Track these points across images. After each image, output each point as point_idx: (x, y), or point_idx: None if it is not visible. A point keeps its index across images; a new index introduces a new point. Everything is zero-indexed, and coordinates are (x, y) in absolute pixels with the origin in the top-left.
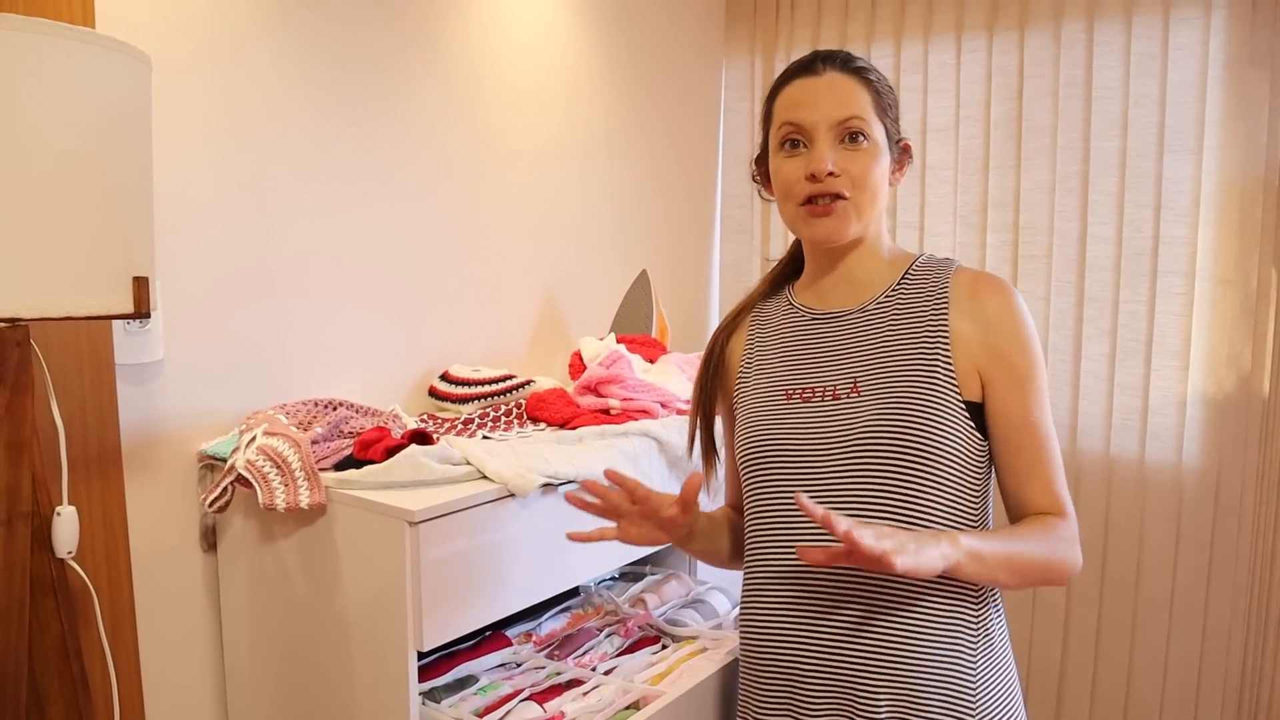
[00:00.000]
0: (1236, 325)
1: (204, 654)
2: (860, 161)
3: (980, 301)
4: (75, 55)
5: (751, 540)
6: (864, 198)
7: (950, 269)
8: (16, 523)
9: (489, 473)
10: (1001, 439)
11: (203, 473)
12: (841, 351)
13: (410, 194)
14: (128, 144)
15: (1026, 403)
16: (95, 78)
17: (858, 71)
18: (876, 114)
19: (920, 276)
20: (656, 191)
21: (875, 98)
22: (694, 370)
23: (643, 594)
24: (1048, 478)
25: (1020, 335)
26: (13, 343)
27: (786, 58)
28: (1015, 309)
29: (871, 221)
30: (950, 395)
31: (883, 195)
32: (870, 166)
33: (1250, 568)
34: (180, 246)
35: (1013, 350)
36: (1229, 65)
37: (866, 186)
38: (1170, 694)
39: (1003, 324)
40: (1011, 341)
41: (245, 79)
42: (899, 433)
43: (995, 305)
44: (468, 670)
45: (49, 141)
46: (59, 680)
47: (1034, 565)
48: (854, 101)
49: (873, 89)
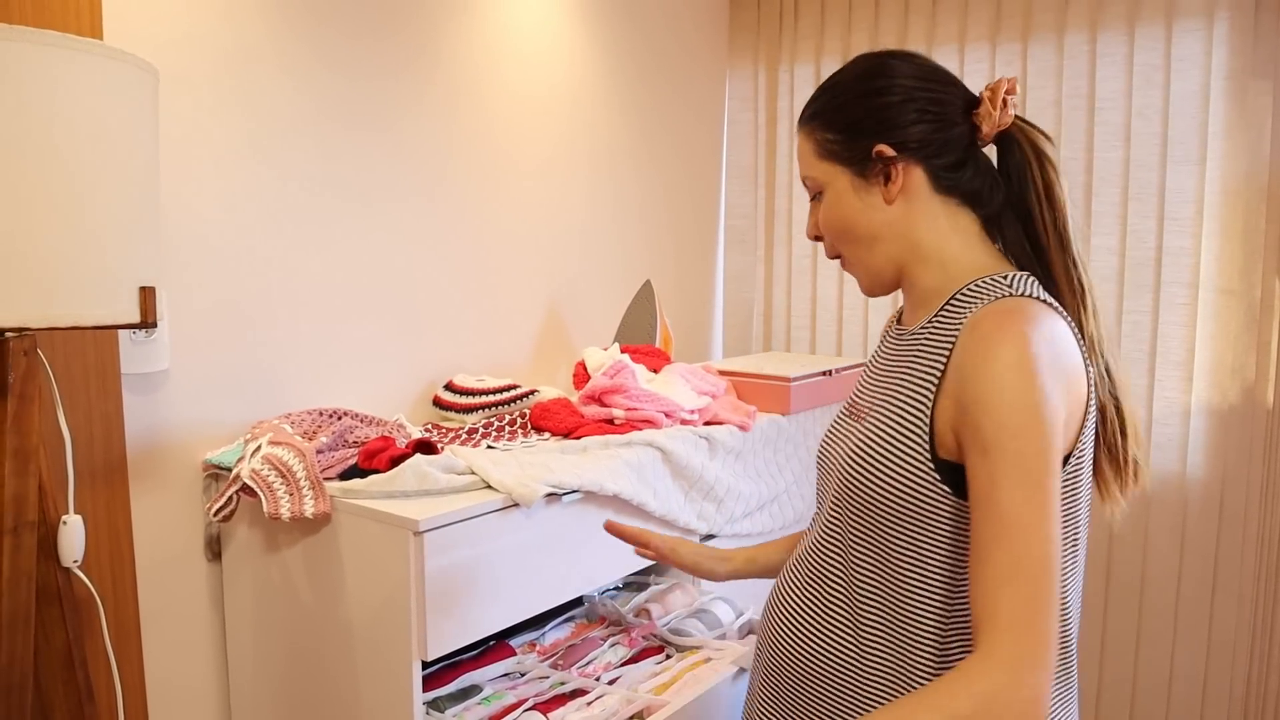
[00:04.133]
0: (1240, 335)
1: (208, 663)
2: (819, 213)
3: (970, 346)
4: (83, 67)
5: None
6: (846, 245)
7: (988, 298)
8: (23, 531)
9: (493, 482)
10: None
11: (208, 482)
12: (882, 371)
13: (415, 205)
14: (134, 154)
15: (988, 474)
16: (102, 89)
17: (805, 120)
18: (821, 159)
19: (960, 305)
20: (660, 202)
21: (819, 139)
22: (698, 380)
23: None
24: (989, 576)
25: (989, 394)
26: (20, 352)
27: (790, 69)
28: (996, 362)
29: (899, 256)
30: (912, 447)
31: (874, 227)
32: (829, 216)
33: (1255, 579)
34: (186, 257)
35: (977, 410)
36: (1231, 76)
37: (840, 234)
38: (1175, 705)
39: (977, 377)
40: (978, 399)
41: (251, 90)
42: (854, 476)
43: (979, 353)
44: (472, 680)
45: (55, 152)
46: (64, 689)
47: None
48: (802, 160)
49: (812, 135)
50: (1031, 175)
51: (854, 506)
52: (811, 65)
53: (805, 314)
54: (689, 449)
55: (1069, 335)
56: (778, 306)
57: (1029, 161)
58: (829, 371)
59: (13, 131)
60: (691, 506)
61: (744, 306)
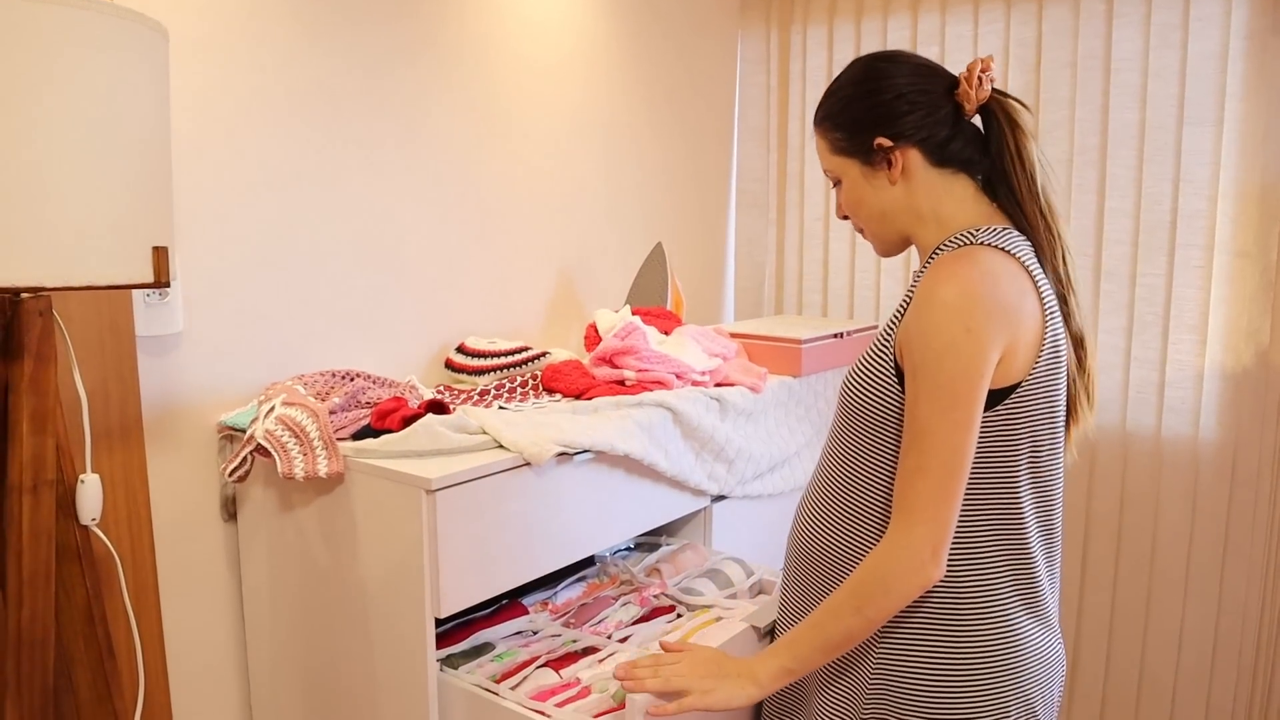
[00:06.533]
0: (1255, 298)
1: (225, 621)
2: (845, 199)
3: (924, 283)
4: (93, 27)
5: None
6: (865, 223)
7: (951, 249)
8: (42, 490)
9: (505, 442)
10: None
11: (222, 443)
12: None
13: (428, 168)
14: (146, 115)
15: (914, 391)
16: (114, 49)
17: (818, 121)
18: (836, 154)
19: (938, 255)
20: (672, 165)
21: (832, 137)
22: (709, 342)
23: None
24: (904, 471)
25: (924, 323)
26: (35, 313)
27: (803, 30)
28: (933, 299)
29: (906, 225)
30: (883, 367)
31: (886, 206)
32: (850, 201)
33: (1266, 542)
34: (199, 220)
35: (914, 336)
36: (1251, 35)
37: (858, 214)
38: (1184, 669)
39: (918, 307)
40: (917, 327)
41: (262, 52)
42: (843, 394)
43: (925, 292)
44: (485, 638)
45: (67, 113)
46: (85, 644)
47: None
48: (821, 156)
49: (829, 131)
50: (1006, 141)
51: (843, 415)
52: (824, 26)
53: (817, 276)
54: (700, 410)
55: (1019, 279)
56: (789, 269)
57: (1004, 129)
58: (841, 334)
59: (24, 92)
60: (703, 467)
61: (755, 269)
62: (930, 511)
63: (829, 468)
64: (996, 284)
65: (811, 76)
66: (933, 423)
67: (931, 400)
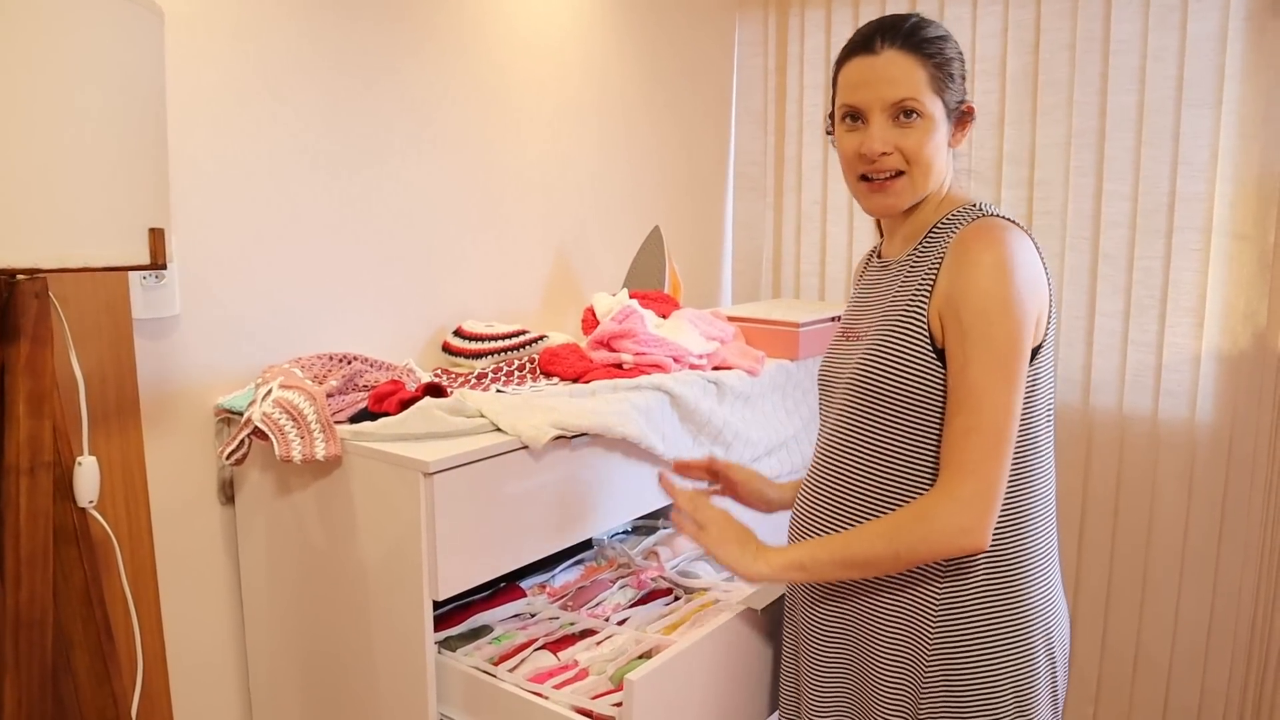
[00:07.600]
0: (1253, 281)
1: (223, 604)
2: (913, 138)
3: (957, 254)
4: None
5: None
6: (918, 171)
7: (966, 222)
8: (39, 472)
9: (502, 425)
10: (948, 389)
11: (220, 426)
12: (875, 297)
13: (425, 150)
14: (141, 95)
15: (964, 353)
16: (109, 28)
17: (918, 47)
18: (933, 90)
19: (939, 233)
20: (670, 147)
21: (934, 73)
22: (706, 326)
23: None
24: (954, 430)
25: (971, 288)
26: (31, 294)
27: (801, 13)
28: (978, 265)
29: (932, 186)
30: (917, 340)
31: (939, 163)
32: (923, 142)
33: (1262, 525)
34: (195, 203)
35: (960, 301)
36: (1251, 17)
37: (920, 161)
38: (1180, 651)
39: (962, 273)
40: (963, 292)
41: (258, 33)
42: (866, 374)
43: (966, 256)
44: (482, 620)
45: (62, 92)
46: (83, 626)
47: (875, 561)
48: (907, 82)
49: (931, 64)
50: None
51: (867, 400)
52: (822, 10)
53: (814, 260)
54: (697, 393)
55: (1034, 249)
56: (787, 253)
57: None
58: (837, 317)
59: (19, 72)
60: (700, 450)
61: (753, 253)
62: (982, 469)
63: (853, 453)
64: (1029, 251)
65: (809, 59)
66: (983, 381)
67: (983, 361)
